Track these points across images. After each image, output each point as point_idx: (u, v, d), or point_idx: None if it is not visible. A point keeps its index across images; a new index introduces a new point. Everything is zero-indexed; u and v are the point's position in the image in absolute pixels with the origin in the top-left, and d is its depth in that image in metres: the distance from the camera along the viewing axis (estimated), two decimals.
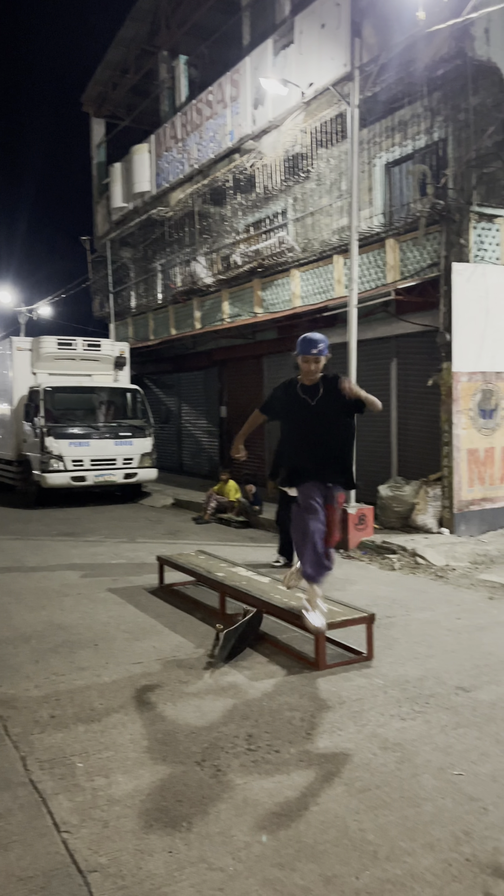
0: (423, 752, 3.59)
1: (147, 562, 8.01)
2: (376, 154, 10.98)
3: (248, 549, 8.96)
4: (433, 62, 9.22)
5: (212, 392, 16.15)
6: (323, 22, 11.00)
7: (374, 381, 10.68)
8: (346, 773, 3.39)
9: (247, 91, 13.11)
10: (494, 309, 9.06)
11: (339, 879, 2.62)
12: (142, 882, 2.61)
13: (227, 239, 14.66)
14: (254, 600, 5.53)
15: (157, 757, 3.55)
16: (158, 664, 4.86)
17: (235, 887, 2.58)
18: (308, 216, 12.30)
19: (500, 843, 2.84)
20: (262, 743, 3.69)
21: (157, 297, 18.18)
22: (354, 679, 4.58)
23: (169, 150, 16.12)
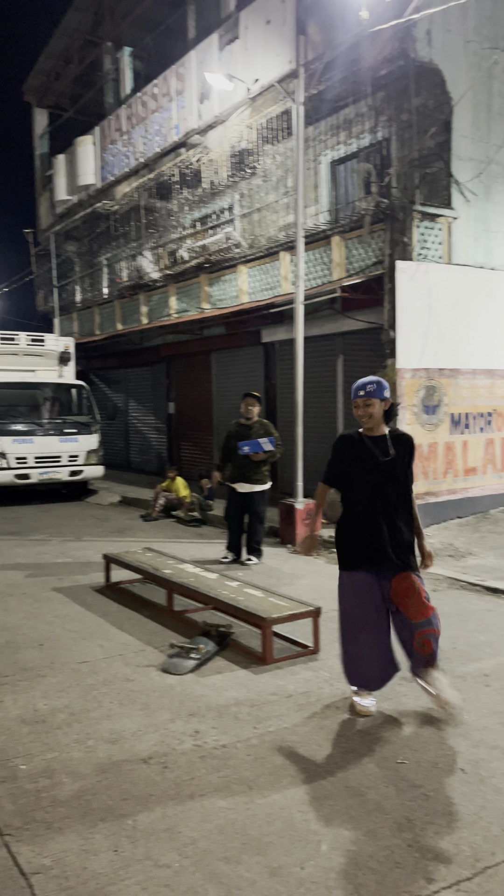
0: (367, 742, 3.65)
1: (93, 560, 7.91)
2: (322, 152, 11.06)
3: (196, 546, 8.95)
4: (377, 62, 9.34)
5: (159, 388, 16.05)
6: (268, 18, 11.01)
7: (321, 377, 10.80)
8: (292, 765, 3.42)
9: (192, 85, 13.04)
10: (437, 307, 9.25)
11: (285, 870, 2.65)
12: (86, 882, 2.59)
13: (174, 234, 14.57)
14: (202, 597, 5.53)
15: (102, 756, 3.52)
16: (105, 663, 4.81)
17: (181, 882, 2.58)
18: (255, 212, 12.31)
19: (441, 829, 2.91)
20: (209, 738, 3.70)
21: (103, 292, 17.94)
22: (301, 672, 4.63)
23: (114, 143, 15.91)
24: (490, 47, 9.66)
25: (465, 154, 9.59)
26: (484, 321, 9.74)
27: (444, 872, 2.64)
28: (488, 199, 9.91)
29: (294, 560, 8.08)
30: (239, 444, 7.72)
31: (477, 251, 9.88)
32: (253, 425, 7.91)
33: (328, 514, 9.62)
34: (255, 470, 7.80)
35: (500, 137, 9.88)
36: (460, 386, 9.61)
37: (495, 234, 10.06)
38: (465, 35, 9.47)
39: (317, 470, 10.18)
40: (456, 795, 3.15)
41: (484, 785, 3.24)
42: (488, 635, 5.34)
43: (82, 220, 17.34)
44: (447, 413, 9.50)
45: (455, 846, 2.79)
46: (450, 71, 9.28)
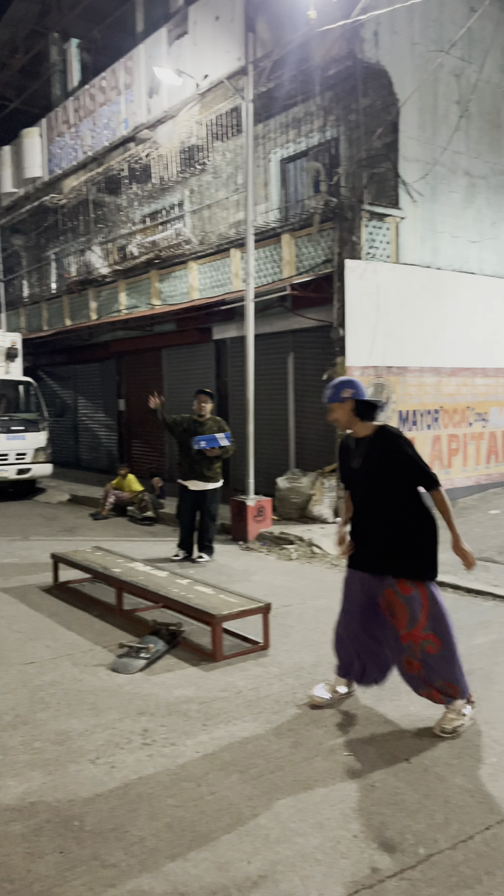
0: (316, 735, 3.70)
1: (41, 560, 7.78)
2: (272, 149, 11.09)
3: (147, 545, 8.89)
4: (325, 62, 9.41)
5: (109, 385, 15.87)
6: (217, 14, 10.99)
7: (272, 374, 10.84)
8: (241, 760, 3.44)
9: (141, 79, 12.92)
10: (385, 306, 9.38)
11: (232, 865, 2.67)
12: (31, 885, 2.56)
13: (124, 229, 14.42)
14: (152, 595, 5.50)
15: (49, 758, 3.48)
16: (52, 664, 4.75)
17: (128, 882, 2.57)
18: (205, 209, 12.28)
19: (386, 818, 2.97)
20: (158, 737, 3.68)
21: (52, 287, 17.65)
22: (251, 668, 4.65)
23: (61, 136, 15.66)
24: (435, 50, 9.83)
25: (412, 155, 9.75)
26: (430, 320, 9.92)
27: (388, 861, 2.69)
28: (434, 199, 10.10)
29: (245, 557, 8.11)
30: (195, 438, 7.66)
31: (424, 251, 10.06)
32: (206, 422, 7.86)
33: (280, 510, 9.68)
34: (208, 467, 7.76)
35: (445, 139, 10.07)
36: (408, 384, 9.77)
37: (441, 235, 10.26)
38: (412, 37, 9.62)
39: (267, 467, 10.26)
40: (400, 785, 3.22)
41: (427, 774, 3.31)
42: None
43: (29, 214, 17.03)
44: (395, 410, 9.65)
45: (399, 835, 2.85)
46: (396, 72, 9.41)
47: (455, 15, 10.10)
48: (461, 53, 10.17)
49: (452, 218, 10.37)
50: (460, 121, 10.17)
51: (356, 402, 3.81)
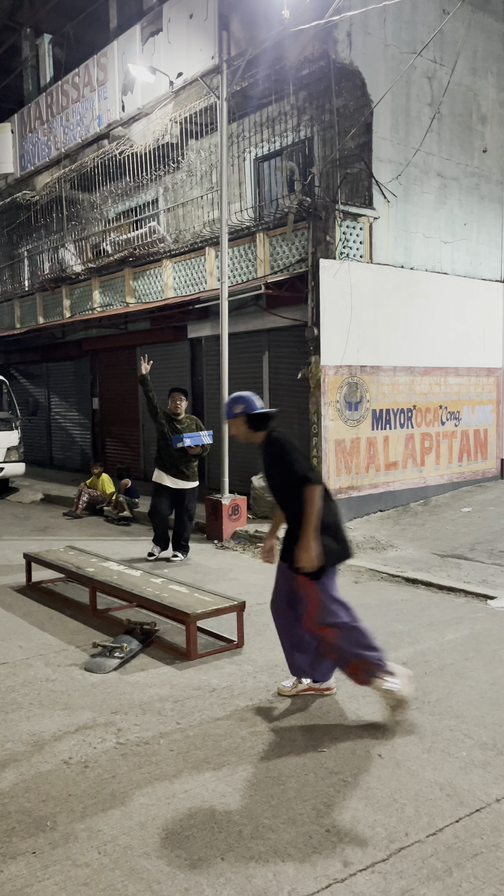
0: (290, 732, 3.72)
1: (14, 560, 7.72)
2: (246, 148, 11.09)
3: (122, 544, 8.86)
4: (299, 62, 9.44)
5: (83, 383, 15.76)
6: (191, 12, 10.96)
7: (247, 373, 10.85)
8: (214, 758, 3.45)
9: (115, 76, 12.85)
10: (359, 305, 9.44)
11: (205, 862, 2.68)
12: (2, 885, 2.55)
13: (97, 226, 14.32)
14: (126, 594, 5.49)
15: (21, 758, 3.46)
16: (24, 664, 4.72)
17: (101, 880, 2.57)
18: (179, 207, 12.25)
19: (358, 813, 3.00)
20: (132, 736, 3.68)
21: (24, 284, 17.47)
22: (225, 667, 4.66)
23: (34, 132, 15.50)
24: (408, 52, 9.90)
25: (385, 156, 9.82)
26: (403, 320, 10.01)
27: (360, 855, 2.72)
28: (408, 200, 10.18)
29: (220, 556, 8.11)
30: (179, 436, 7.55)
31: (397, 251, 10.14)
32: (183, 420, 7.81)
33: (255, 508, 9.70)
34: (187, 465, 7.70)
35: (417, 140, 10.16)
36: (381, 383, 9.85)
37: (414, 235, 10.35)
38: (385, 39, 9.68)
39: (242, 465, 10.27)
40: (372, 780, 3.25)
41: (399, 768, 3.35)
42: (406, 625, 5.51)
43: (1, 210, 16.84)
44: (369, 409, 9.72)
45: (371, 829, 2.88)
46: (370, 73, 9.47)
47: (427, 17, 10.19)
48: (433, 55, 10.27)
49: (425, 218, 10.47)
50: (432, 122, 10.26)
51: (247, 417, 4.16)
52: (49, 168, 15.13)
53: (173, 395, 7.88)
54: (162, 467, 7.77)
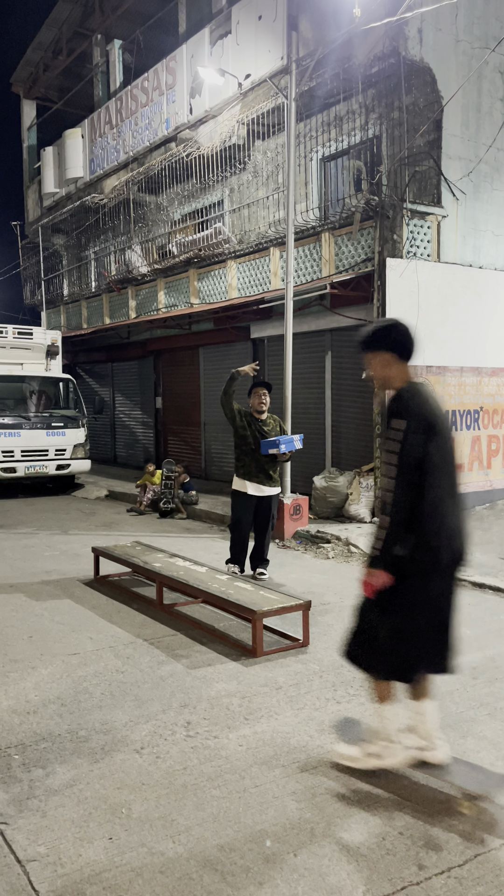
0: (358, 732, 3.69)
1: (81, 554, 7.90)
2: (312, 148, 11.08)
3: (185, 540, 8.96)
4: (368, 60, 9.36)
5: (147, 383, 16.01)
6: (260, 13, 11.01)
7: (309, 373, 10.83)
8: (283, 755, 3.45)
9: (183, 79, 13.01)
10: (425, 305, 9.30)
11: (278, 857, 2.68)
12: (81, 869, 2.61)
13: (163, 228, 14.53)
14: (192, 590, 5.55)
15: (95, 746, 3.54)
16: (95, 655, 4.82)
17: (176, 869, 2.61)
18: (244, 208, 12.31)
19: (431, 817, 2.95)
20: (201, 729, 3.72)
21: (91, 286, 17.86)
22: (291, 665, 4.66)
23: (103, 136, 15.84)
24: (480, 47, 9.72)
25: (455, 153, 9.66)
26: (471, 319, 9.82)
27: (435, 859, 2.68)
28: (477, 197, 9.99)
29: (282, 555, 8.12)
30: (271, 441, 6.70)
31: (465, 249, 9.96)
32: (268, 421, 6.97)
33: (316, 508, 9.69)
34: (274, 468, 6.90)
35: (489, 137, 9.96)
36: (448, 383, 9.68)
37: (483, 233, 10.14)
38: (456, 34, 9.53)
39: (304, 465, 10.25)
40: (445, 784, 3.20)
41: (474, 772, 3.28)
42: (474, 629, 5.40)
43: (70, 213, 17.26)
44: None
45: (446, 834, 2.84)
46: (440, 70, 9.33)
47: (500, 11, 9.98)
48: None
49: (495, 216, 10.25)
50: None
51: None
52: (117, 171, 15.43)
53: (256, 391, 6.95)
54: (245, 474, 6.81)
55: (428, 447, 2.95)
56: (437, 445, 2.98)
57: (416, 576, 3.00)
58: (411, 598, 3.02)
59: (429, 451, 2.95)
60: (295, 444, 6.85)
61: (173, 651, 4.88)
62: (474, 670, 4.57)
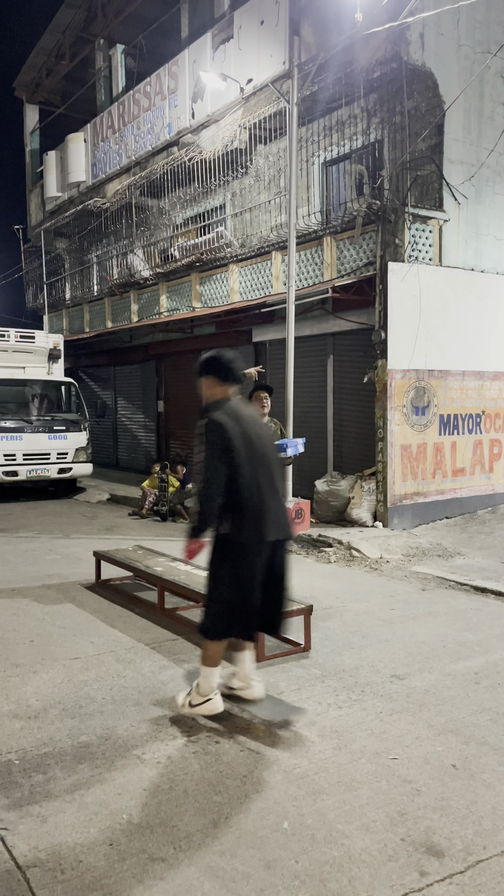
0: (360, 738, 3.68)
1: (83, 557, 7.90)
2: (314, 152, 11.09)
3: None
4: (370, 64, 9.39)
5: (149, 386, 16.03)
6: (262, 18, 11.04)
7: (311, 377, 10.83)
8: (285, 760, 3.44)
9: (185, 84, 13.04)
10: (427, 308, 9.31)
11: (279, 863, 2.67)
12: (82, 875, 2.60)
13: (165, 232, 14.56)
14: (193, 594, 5.54)
15: (96, 752, 3.53)
16: (96, 659, 4.82)
17: (177, 875, 2.60)
18: (246, 212, 12.33)
19: (433, 823, 2.94)
20: (202, 734, 3.71)
21: (93, 289, 17.90)
22: (292, 669, 4.65)
23: (105, 141, 15.88)
24: (482, 51, 9.74)
25: (457, 157, 9.67)
26: (473, 323, 9.82)
27: (436, 866, 2.67)
28: (479, 201, 9.99)
29: None
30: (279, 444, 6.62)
31: (467, 253, 9.96)
32: (269, 424, 6.71)
33: (318, 512, 9.67)
34: None
35: (490, 141, 9.97)
36: (449, 387, 9.68)
37: (485, 237, 10.14)
38: (458, 39, 9.55)
39: (306, 469, 10.24)
40: (447, 791, 3.19)
41: (474, 780, 3.28)
42: (477, 634, 5.39)
43: (73, 217, 17.30)
44: (436, 414, 9.57)
45: (447, 840, 2.83)
46: (442, 74, 9.35)
47: (502, 16, 10.00)
48: None
49: (497, 220, 10.26)
50: None
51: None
52: (119, 176, 15.47)
53: (257, 395, 6.69)
54: None
55: (230, 447, 3.61)
56: (239, 446, 3.63)
57: (234, 550, 3.67)
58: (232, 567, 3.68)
59: (231, 450, 3.61)
60: (299, 448, 6.84)
61: (175, 656, 4.88)
62: (477, 675, 4.55)
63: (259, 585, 3.76)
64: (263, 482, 3.72)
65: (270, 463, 3.81)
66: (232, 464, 3.63)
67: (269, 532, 3.70)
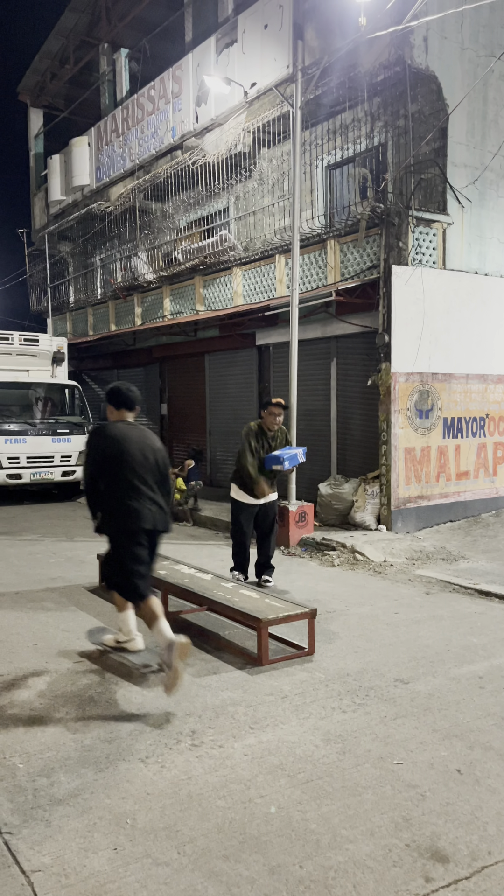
0: (364, 742, 3.68)
1: (86, 560, 7.90)
2: (318, 156, 11.10)
3: (189, 547, 8.95)
4: (374, 68, 9.39)
5: (152, 389, 16.04)
6: (266, 22, 11.06)
7: (315, 380, 10.83)
8: (289, 765, 3.44)
9: (189, 88, 13.07)
10: (431, 312, 9.30)
11: (283, 869, 2.67)
12: (86, 880, 2.60)
13: (169, 235, 14.58)
14: (197, 598, 5.54)
15: (99, 756, 3.52)
16: (100, 662, 4.81)
17: (181, 880, 2.59)
18: (250, 215, 12.34)
19: (437, 828, 2.93)
20: (206, 738, 3.71)
21: (97, 293, 17.92)
22: (296, 673, 4.64)
23: (109, 144, 15.92)
24: (486, 55, 9.74)
25: (461, 160, 9.67)
26: (477, 326, 9.81)
27: (441, 872, 2.66)
28: (483, 205, 9.99)
29: (287, 562, 8.10)
30: (275, 456, 6.74)
31: (471, 257, 9.96)
32: (276, 435, 6.97)
33: (321, 516, 9.66)
34: (273, 480, 6.98)
35: (494, 144, 9.97)
36: (453, 390, 9.67)
37: (489, 240, 10.14)
38: (462, 43, 9.55)
39: (310, 472, 10.23)
40: (451, 796, 3.18)
41: (479, 786, 3.27)
42: (481, 638, 5.38)
43: (77, 221, 17.34)
44: (440, 417, 9.55)
45: (452, 846, 2.82)
46: (446, 78, 9.35)
47: None
48: None
49: (501, 223, 10.24)
50: None
51: None
52: (123, 179, 15.50)
53: (271, 410, 6.83)
54: (243, 485, 6.84)
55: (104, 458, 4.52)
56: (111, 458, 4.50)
57: (112, 535, 4.55)
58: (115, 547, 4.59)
59: (105, 461, 4.52)
60: (298, 459, 6.91)
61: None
62: (481, 679, 4.54)
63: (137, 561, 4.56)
64: (137, 485, 4.48)
65: (148, 471, 4.56)
66: (100, 467, 4.55)
67: (144, 523, 4.47)
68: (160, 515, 4.56)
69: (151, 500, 4.52)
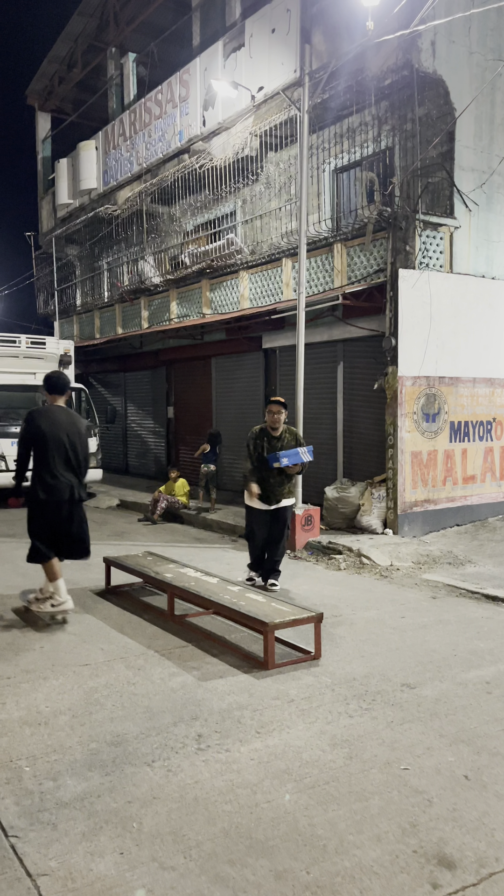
0: (371, 747, 3.66)
1: (92, 563, 7.86)
2: (325, 160, 11.11)
3: (196, 550, 8.95)
4: (381, 72, 9.40)
5: (159, 392, 16.06)
6: (273, 27, 11.09)
7: (321, 383, 10.83)
8: (295, 769, 3.43)
9: (196, 92, 13.10)
10: (438, 315, 9.29)
11: (290, 874, 2.66)
12: (92, 884, 2.59)
13: (176, 239, 14.61)
14: (203, 601, 5.54)
15: (105, 759, 3.52)
16: (106, 666, 4.81)
17: (187, 885, 2.59)
18: (257, 219, 12.36)
19: (445, 834, 2.92)
20: (213, 742, 3.70)
21: (104, 296, 17.97)
22: (303, 678, 4.63)
23: (117, 148, 15.97)
24: (494, 59, 9.74)
25: (468, 164, 9.66)
26: (484, 330, 9.79)
27: (449, 878, 2.65)
28: (490, 208, 9.98)
29: (294, 565, 8.09)
30: (275, 455, 6.76)
31: (478, 260, 9.94)
32: (282, 435, 6.94)
33: (328, 519, 9.65)
34: (285, 483, 6.95)
35: (502, 148, 9.96)
36: (460, 394, 9.65)
37: (496, 244, 10.12)
38: (469, 46, 9.55)
39: (316, 475, 10.22)
40: (459, 801, 3.16)
41: (486, 791, 3.25)
42: (488, 642, 5.36)
43: (84, 224, 17.40)
44: (447, 421, 9.54)
45: (459, 852, 2.80)
46: (453, 82, 9.35)
47: None
48: None
49: None
50: None
51: None
52: (130, 183, 15.55)
53: (270, 408, 6.90)
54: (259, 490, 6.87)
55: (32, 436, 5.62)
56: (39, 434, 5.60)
57: (34, 504, 5.71)
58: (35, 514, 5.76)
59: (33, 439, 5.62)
60: (301, 457, 6.86)
61: (185, 662, 4.87)
62: (488, 684, 4.52)
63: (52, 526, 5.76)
64: (59, 460, 5.61)
65: (69, 449, 5.66)
66: (30, 444, 5.62)
67: (55, 495, 5.60)
68: (72, 489, 5.65)
69: (65, 477, 5.60)
